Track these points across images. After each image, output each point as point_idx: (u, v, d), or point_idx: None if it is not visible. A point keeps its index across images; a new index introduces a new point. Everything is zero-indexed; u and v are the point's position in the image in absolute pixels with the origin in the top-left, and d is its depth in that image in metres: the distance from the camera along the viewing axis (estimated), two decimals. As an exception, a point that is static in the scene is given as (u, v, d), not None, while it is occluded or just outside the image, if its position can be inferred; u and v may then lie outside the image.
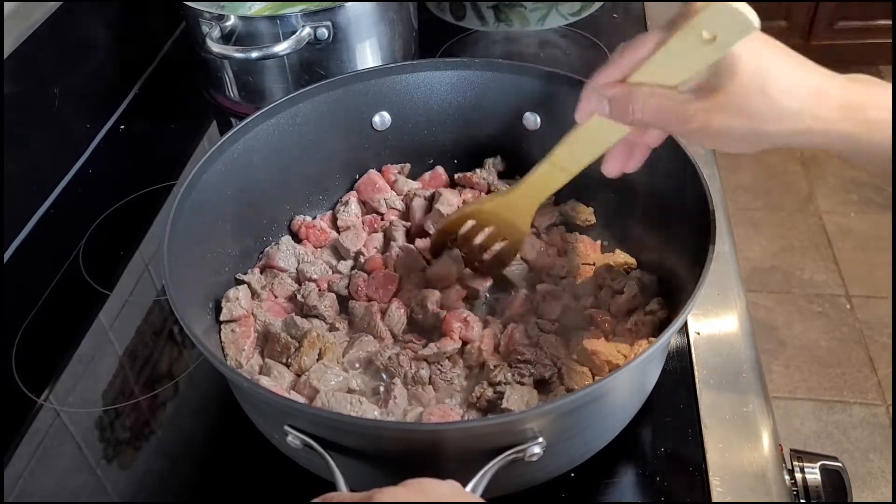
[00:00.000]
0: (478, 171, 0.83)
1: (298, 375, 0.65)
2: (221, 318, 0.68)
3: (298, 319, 0.69)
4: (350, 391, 0.65)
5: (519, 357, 0.64)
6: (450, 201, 0.79)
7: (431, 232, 0.78)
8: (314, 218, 0.81)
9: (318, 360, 0.66)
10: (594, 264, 0.74)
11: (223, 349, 0.67)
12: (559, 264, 0.74)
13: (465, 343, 0.68)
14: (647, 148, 0.59)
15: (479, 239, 0.73)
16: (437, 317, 0.69)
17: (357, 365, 0.67)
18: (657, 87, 0.51)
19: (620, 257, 0.73)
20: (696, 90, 0.51)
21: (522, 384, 0.63)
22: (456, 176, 0.84)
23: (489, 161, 0.83)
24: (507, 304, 0.72)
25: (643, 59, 0.51)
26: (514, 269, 0.74)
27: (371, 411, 0.61)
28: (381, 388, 0.65)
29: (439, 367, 0.65)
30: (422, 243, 0.77)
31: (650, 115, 0.52)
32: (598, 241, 0.78)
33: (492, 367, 0.65)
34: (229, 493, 0.63)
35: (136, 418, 0.70)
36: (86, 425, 0.70)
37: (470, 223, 0.72)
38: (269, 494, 0.62)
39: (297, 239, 0.80)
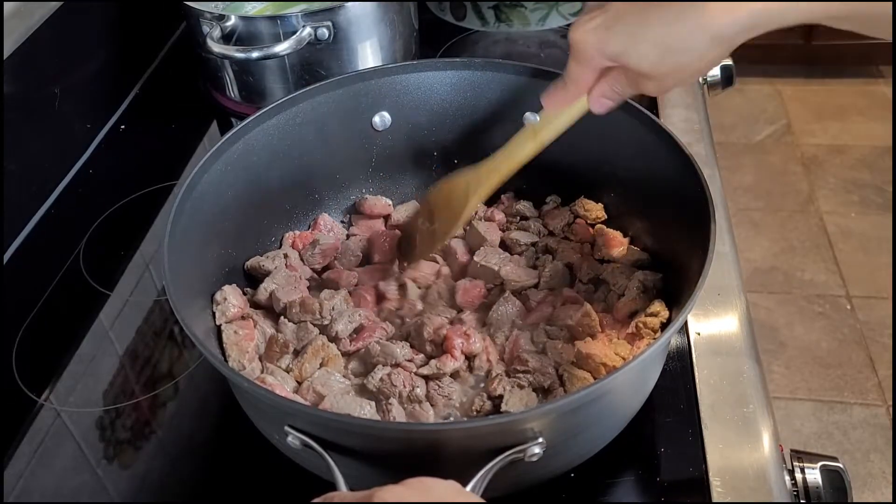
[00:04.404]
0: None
1: (299, 383, 0.65)
2: (217, 322, 0.68)
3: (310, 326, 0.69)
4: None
5: (518, 368, 0.64)
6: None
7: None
8: (311, 226, 0.81)
9: (319, 367, 0.66)
10: (614, 261, 0.74)
11: (225, 350, 0.66)
12: (586, 268, 0.74)
13: (468, 357, 0.67)
14: None
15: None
16: (434, 343, 0.68)
17: (357, 377, 0.67)
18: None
19: (633, 253, 0.73)
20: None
21: (521, 388, 0.63)
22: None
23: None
24: (530, 308, 0.71)
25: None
26: (548, 271, 0.74)
27: (376, 414, 0.62)
28: (378, 403, 0.64)
29: (438, 383, 0.65)
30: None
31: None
32: (627, 235, 0.76)
33: (493, 374, 0.64)
34: (229, 493, 0.63)
35: (137, 418, 0.70)
36: (86, 425, 0.70)
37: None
38: (269, 494, 0.62)
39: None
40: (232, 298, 0.69)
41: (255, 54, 0.92)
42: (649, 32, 0.50)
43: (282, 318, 0.70)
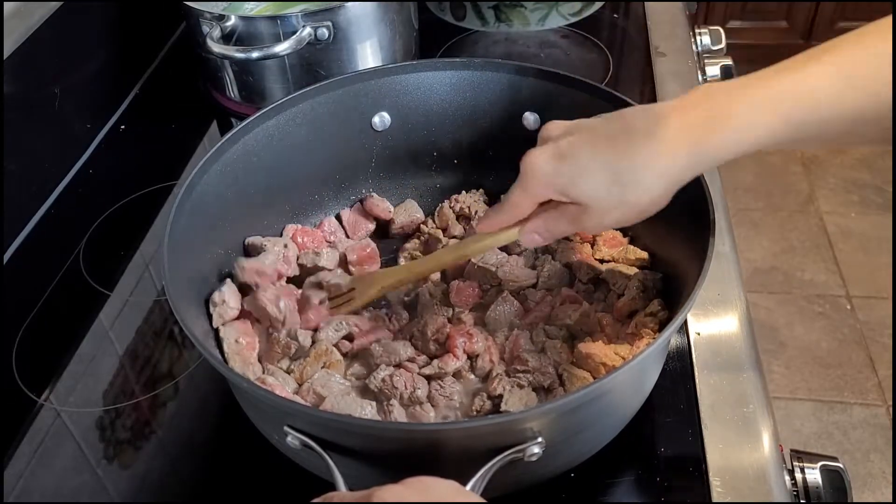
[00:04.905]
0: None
1: (300, 384, 0.65)
2: (214, 325, 0.67)
3: (306, 332, 0.69)
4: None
5: (518, 367, 0.64)
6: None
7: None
8: (317, 226, 0.81)
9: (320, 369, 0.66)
10: (612, 260, 0.74)
11: (226, 358, 0.66)
12: (585, 268, 0.73)
13: (470, 356, 0.67)
14: None
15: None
16: (437, 342, 0.68)
17: (357, 380, 0.67)
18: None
19: (632, 253, 0.73)
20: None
21: (521, 387, 0.63)
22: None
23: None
24: (529, 308, 0.71)
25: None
26: (546, 271, 0.73)
27: (377, 415, 0.62)
28: (379, 404, 0.64)
29: (440, 383, 0.65)
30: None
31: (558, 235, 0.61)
32: (627, 235, 0.76)
33: (493, 375, 0.64)
34: (229, 493, 0.63)
35: (137, 418, 0.70)
36: (86, 425, 0.70)
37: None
38: (269, 494, 0.62)
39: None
40: (231, 301, 0.68)
41: (255, 54, 0.92)
42: (599, 164, 0.53)
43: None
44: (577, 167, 0.54)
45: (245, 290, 0.71)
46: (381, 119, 0.81)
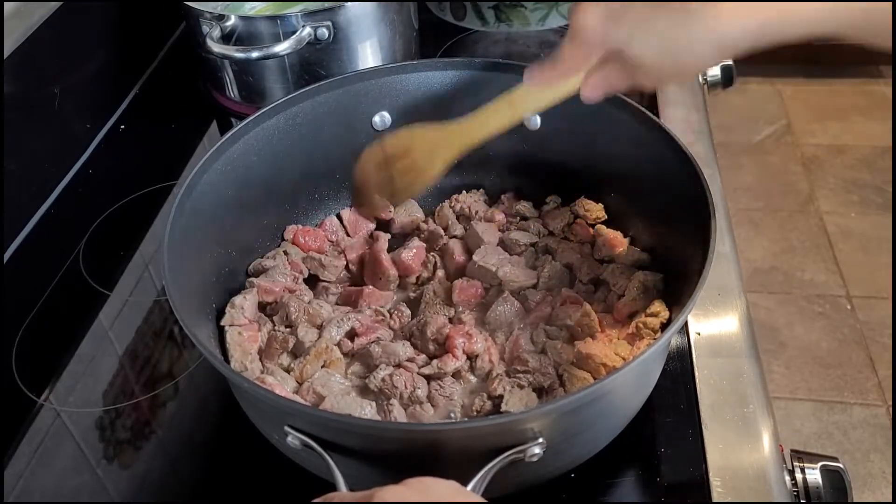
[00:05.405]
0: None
1: (300, 383, 0.65)
2: (222, 323, 0.68)
3: (308, 328, 0.69)
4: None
5: (519, 368, 0.64)
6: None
7: None
8: (318, 225, 0.81)
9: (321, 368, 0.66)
10: (612, 261, 0.74)
11: (228, 351, 0.66)
12: (586, 268, 0.73)
13: (469, 357, 0.67)
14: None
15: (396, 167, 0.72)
16: (436, 342, 0.68)
17: (357, 379, 0.67)
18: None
19: (633, 253, 0.73)
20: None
21: (521, 388, 0.63)
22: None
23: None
24: (529, 308, 0.71)
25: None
26: (547, 271, 0.74)
27: (377, 415, 0.62)
28: (379, 403, 0.64)
29: (439, 383, 0.65)
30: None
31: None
32: (627, 236, 0.76)
33: (493, 375, 0.64)
34: (229, 493, 0.63)
35: (137, 418, 0.70)
36: (86, 425, 0.70)
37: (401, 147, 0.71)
38: (269, 494, 0.62)
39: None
40: (247, 311, 0.69)
41: (254, 54, 0.92)
42: (655, 29, 0.50)
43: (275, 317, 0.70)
44: (633, 28, 0.51)
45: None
46: (382, 119, 0.81)
